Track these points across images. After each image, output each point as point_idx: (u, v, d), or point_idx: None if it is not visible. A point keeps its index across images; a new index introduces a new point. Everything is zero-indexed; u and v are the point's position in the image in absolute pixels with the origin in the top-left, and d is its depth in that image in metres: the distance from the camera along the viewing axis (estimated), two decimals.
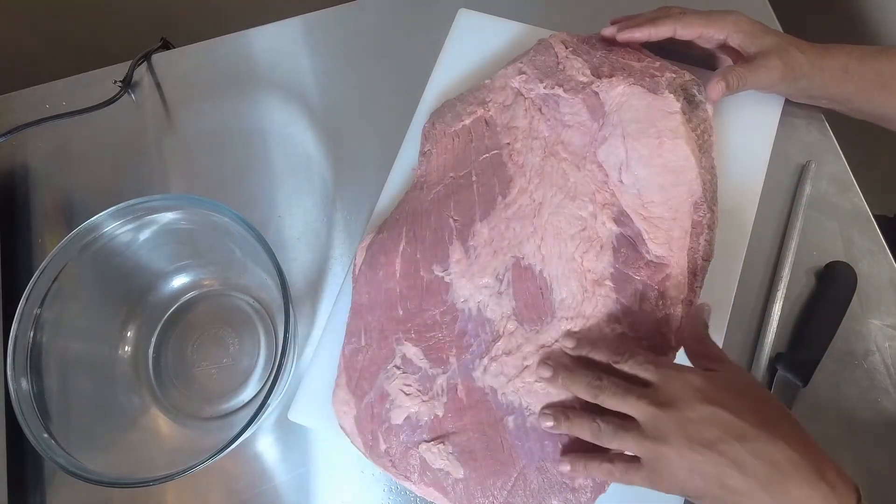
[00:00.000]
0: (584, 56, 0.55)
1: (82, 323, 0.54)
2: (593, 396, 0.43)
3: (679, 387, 0.40)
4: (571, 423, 0.44)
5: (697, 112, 0.53)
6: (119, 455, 0.51)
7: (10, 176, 0.65)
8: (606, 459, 0.42)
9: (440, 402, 0.49)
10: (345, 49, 0.68)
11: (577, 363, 0.46)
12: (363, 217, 0.61)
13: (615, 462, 0.42)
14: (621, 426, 0.41)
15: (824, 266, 0.55)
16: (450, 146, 0.57)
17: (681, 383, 0.40)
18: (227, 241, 0.54)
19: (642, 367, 0.42)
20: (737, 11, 0.54)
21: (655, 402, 0.40)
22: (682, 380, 0.40)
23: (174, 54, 0.69)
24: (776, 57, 0.52)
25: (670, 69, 0.54)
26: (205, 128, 0.66)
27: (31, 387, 0.47)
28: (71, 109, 0.63)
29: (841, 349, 0.53)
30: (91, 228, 0.50)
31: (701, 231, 0.49)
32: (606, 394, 0.42)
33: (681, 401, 0.39)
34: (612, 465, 0.42)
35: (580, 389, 0.44)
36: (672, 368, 0.42)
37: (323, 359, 0.54)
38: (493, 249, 0.51)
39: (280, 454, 0.55)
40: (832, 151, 0.59)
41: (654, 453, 0.39)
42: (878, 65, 0.52)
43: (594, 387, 0.43)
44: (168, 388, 0.56)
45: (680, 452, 0.38)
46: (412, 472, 0.48)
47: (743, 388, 0.40)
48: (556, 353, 0.47)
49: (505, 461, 0.46)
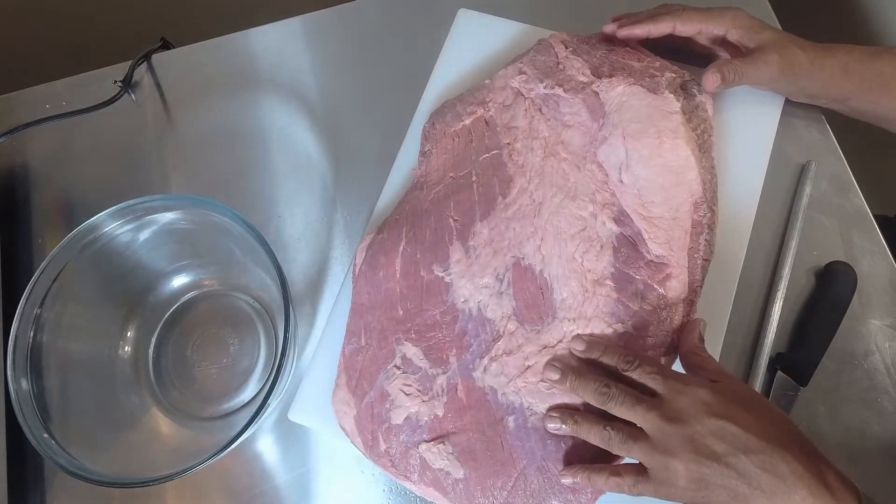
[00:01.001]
0: (584, 56, 0.55)
1: (82, 323, 0.54)
2: (602, 403, 0.43)
3: (687, 400, 0.40)
4: (579, 427, 0.44)
5: (697, 112, 0.53)
6: (119, 455, 0.51)
7: (10, 176, 0.65)
8: (614, 472, 0.42)
9: (440, 402, 0.49)
10: (345, 49, 0.68)
11: (585, 366, 0.46)
12: (363, 217, 0.61)
13: (623, 475, 0.42)
14: (630, 435, 0.41)
15: (824, 266, 0.55)
16: (450, 146, 0.57)
17: (689, 397, 0.40)
18: (227, 241, 0.54)
19: (651, 378, 0.42)
20: (736, 8, 0.54)
21: (664, 415, 0.40)
22: (690, 393, 0.41)
23: (174, 54, 0.69)
24: (774, 52, 0.52)
25: (670, 69, 0.54)
26: (205, 128, 0.66)
27: (31, 387, 0.47)
28: (71, 109, 0.63)
29: (841, 349, 0.53)
30: (91, 228, 0.50)
31: (701, 231, 0.49)
32: (615, 402, 0.42)
33: (689, 415, 0.40)
34: (621, 479, 0.42)
35: (588, 395, 0.44)
36: (680, 380, 0.42)
37: (323, 359, 0.54)
38: (493, 249, 0.51)
39: (280, 454, 0.55)
40: (832, 151, 0.59)
41: (663, 465, 0.40)
42: (878, 65, 0.52)
43: (602, 394, 0.43)
44: (168, 388, 0.56)
45: (687, 465, 0.39)
46: (412, 472, 0.48)
47: (748, 401, 0.41)
48: (563, 355, 0.47)
49: (505, 461, 0.46)
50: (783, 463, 0.37)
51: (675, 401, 0.41)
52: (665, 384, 0.42)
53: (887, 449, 0.51)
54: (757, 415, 0.40)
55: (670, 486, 0.40)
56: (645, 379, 0.42)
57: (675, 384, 0.41)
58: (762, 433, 0.39)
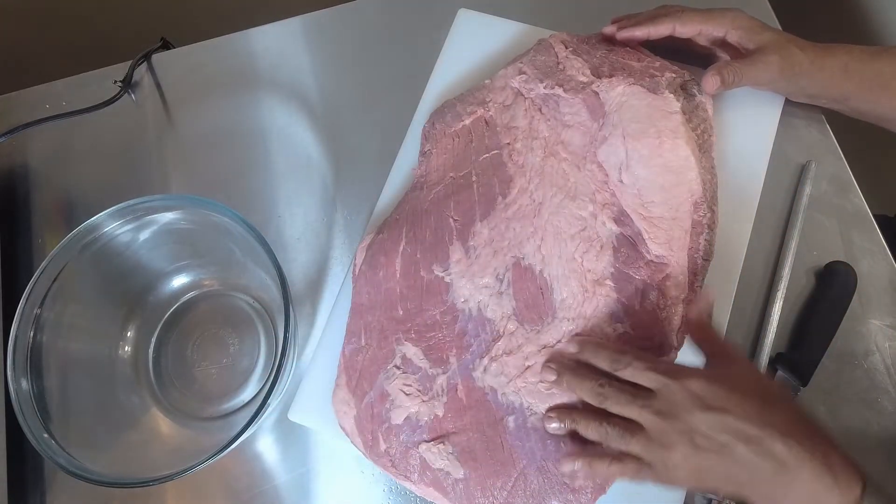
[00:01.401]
0: (584, 56, 0.55)
1: (82, 323, 0.54)
2: (598, 402, 0.43)
3: (679, 395, 0.40)
4: (577, 425, 0.44)
5: (697, 112, 0.53)
6: (119, 455, 0.51)
7: (10, 176, 0.65)
8: (616, 460, 0.42)
9: (440, 402, 0.49)
10: (345, 49, 0.68)
11: (582, 364, 0.46)
12: (363, 217, 0.61)
13: (626, 462, 0.42)
14: (628, 430, 0.41)
15: (824, 266, 0.55)
16: (450, 146, 0.57)
17: (681, 391, 0.40)
18: (227, 241, 0.54)
19: (642, 375, 0.42)
20: (736, 9, 0.54)
21: (659, 411, 0.40)
22: (682, 387, 0.41)
23: (174, 54, 0.69)
24: (774, 53, 0.52)
25: (670, 69, 0.54)
26: (205, 128, 0.66)
27: (31, 387, 0.47)
28: (71, 109, 0.63)
29: (841, 349, 0.53)
30: (91, 228, 0.50)
31: (701, 231, 0.49)
32: (611, 401, 0.42)
33: (683, 409, 0.40)
34: (624, 465, 0.42)
35: (585, 393, 0.44)
36: (671, 375, 0.42)
37: (323, 359, 0.54)
38: (493, 249, 0.51)
39: (280, 454, 0.55)
40: (832, 151, 0.59)
41: (661, 459, 0.40)
42: (878, 65, 0.52)
43: (598, 393, 0.43)
44: (168, 388, 0.56)
45: (686, 458, 0.39)
46: (412, 472, 0.48)
47: (747, 387, 0.41)
48: (559, 355, 0.47)
49: (505, 461, 0.46)
50: (784, 448, 0.37)
51: (669, 395, 0.41)
52: (657, 379, 0.42)
53: (888, 449, 0.51)
54: (756, 401, 0.40)
55: (671, 475, 0.40)
56: (637, 377, 0.42)
57: (668, 379, 0.41)
58: (761, 420, 0.38)
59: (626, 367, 0.43)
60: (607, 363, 0.44)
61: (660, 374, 0.42)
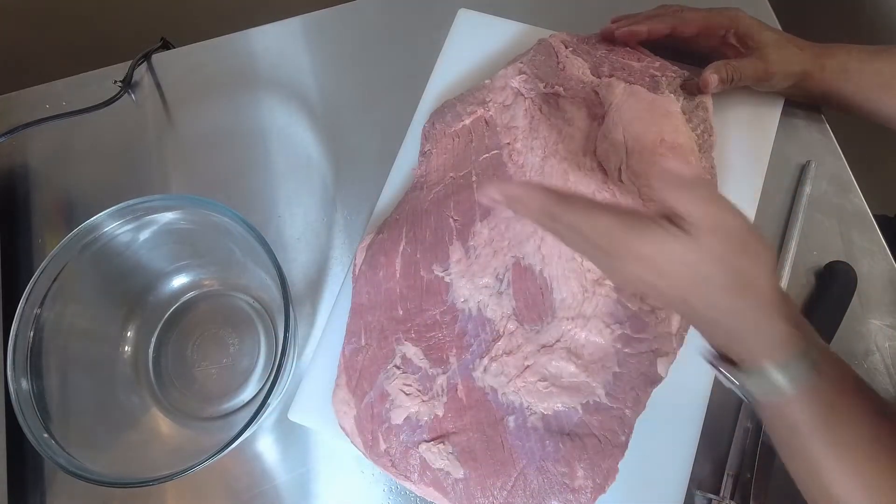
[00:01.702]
0: (585, 56, 0.55)
1: (82, 323, 0.54)
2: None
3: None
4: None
5: (697, 112, 0.53)
6: (119, 455, 0.51)
7: (10, 176, 0.65)
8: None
9: (440, 402, 0.49)
10: (345, 49, 0.68)
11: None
12: (363, 217, 0.61)
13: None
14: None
15: (824, 266, 0.55)
16: (450, 146, 0.57)
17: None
18: (227, 241, 0.54)
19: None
20: (736, 8, 0.54)
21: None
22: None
23: (174, 54, 0.69)
24: (774, 52, 0.52)
25: (670, 69, 0.54)
26: (205, 128, 0.66)
27: (31, 387, 0.47)
28: (71, 109, 0.63)
29: (841, 349, 0.53)
30: (91, 228, 0.50)
31: None
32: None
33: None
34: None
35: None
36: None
37: (323, 359, 0.54)
38: (493, 249, 0.51)
39: (280, 454, 0.55)
40: (832, 151, 0.59)
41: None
42: (878, 64, 0.52)
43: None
44: (168, 388, 0.56)
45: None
46: (412, 472, 0.48)
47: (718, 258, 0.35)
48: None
49: (505, 461, 0.46)
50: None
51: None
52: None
53: None
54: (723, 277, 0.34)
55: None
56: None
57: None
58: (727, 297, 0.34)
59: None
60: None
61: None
